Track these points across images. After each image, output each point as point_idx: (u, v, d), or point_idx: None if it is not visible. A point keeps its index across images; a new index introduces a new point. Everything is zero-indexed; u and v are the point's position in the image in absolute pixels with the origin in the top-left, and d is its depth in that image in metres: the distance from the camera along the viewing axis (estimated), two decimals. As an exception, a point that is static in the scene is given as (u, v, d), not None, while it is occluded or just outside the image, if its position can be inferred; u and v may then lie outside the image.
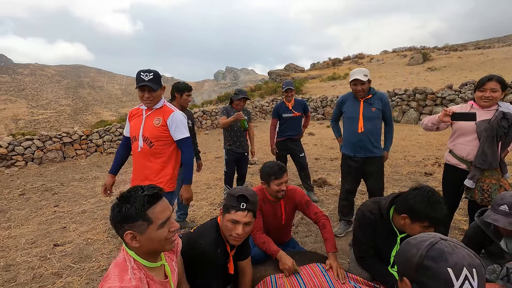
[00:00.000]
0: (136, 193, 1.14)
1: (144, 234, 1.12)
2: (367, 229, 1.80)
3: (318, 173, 5.35)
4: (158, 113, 2.17)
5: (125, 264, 1.14)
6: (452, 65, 20.24)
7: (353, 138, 2.88)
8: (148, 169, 2.20)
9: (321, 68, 30.70)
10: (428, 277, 0.77)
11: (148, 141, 2.15)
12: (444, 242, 0.81)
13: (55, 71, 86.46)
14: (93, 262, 2.78)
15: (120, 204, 1.13)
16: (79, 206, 4.58)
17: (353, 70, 2.86)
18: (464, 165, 2.29)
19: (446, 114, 2.18)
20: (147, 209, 1.12)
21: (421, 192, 1.60)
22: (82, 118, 60.30)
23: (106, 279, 1.11)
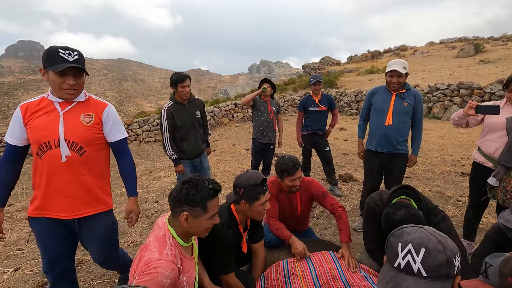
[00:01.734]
0: (203, 184, 1.31)
1: (197, 219, 1.30)
2: (374, 220, 1.83)
3: (345, 168, 5.29)
4: (86, 108, 1.58)
5: (164, 240, 1.29)
6: (510, 57, 18.26)
7: (379, 131, 2.82)
8: (79, 187, 1.56)
9: (359, 61, 29.44)
10: (388, 249, 0.98)
11: (77, 146, 1.53)
12: (414, 228, 0.95)
13: (102, 65, 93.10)
14: (129, 238, 3.10)
15: (189, 187, 1.29)
16: (119, 188, 5.03)
17: (391, 61, 2.76)
18: (491, 163, 2.18)
19: (470, 107, 2.11)
20: (208, 201, 1.30)
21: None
22: (125, 109, 64.59)
23: (146, 248, 1.28)
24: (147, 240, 1.36)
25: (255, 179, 1.71)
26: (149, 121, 9.95)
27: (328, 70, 24.76)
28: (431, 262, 0.86)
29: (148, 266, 1.18)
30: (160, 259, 1.20)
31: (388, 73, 2.71)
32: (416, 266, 0.87)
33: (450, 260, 0.86)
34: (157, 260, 1.20)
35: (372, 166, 2.96)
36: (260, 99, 3.88)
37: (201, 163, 3.21)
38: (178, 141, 3.00)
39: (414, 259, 0.88)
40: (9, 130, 1.54)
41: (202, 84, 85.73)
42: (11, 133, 1.53)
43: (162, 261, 1.20)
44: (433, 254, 0.87)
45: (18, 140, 1.53)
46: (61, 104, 1.53)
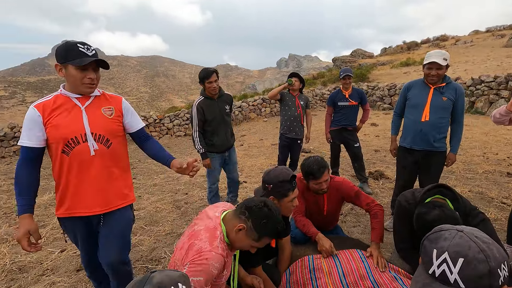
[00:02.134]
0: (277, 223, 1.35)
1: (246, 237, 1.34)
2: (405, 219, 1.76)
3: (376, 165, 5.09)
4: (104, 102, 1.60)
5: (215, 232, 1.34)
6: None
7: (414, 127, 2.66)
8: (109, 179, 1.57)
9: (394, 53, 27.95)
10: (422, 252, 0.91)
11: (104, 139, 1.54)
12: (453, 232, 0.86)
13: (137, 62, 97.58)
14: (160, 226, 3.26)
15: (266, 215, 1.32)
16: (152, 180, 5.30)
17: (430, 52, 2.57)
18: None
19: None
20: (267, 236, 1.35)
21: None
22: (157, 104, 67.36)
23: (196, 236, 1.33)
24: (195, 227, 1.41)
25: (284, 176, 1.71)
26: (179, 115, 10.29)
27: (360, 63, 23.81)
28: (471, 272, 0.78)
29: (200, 256, 1.23)
30: (212, 250, 1.26)
31: (426, 65, 2.54)
32: (453, 276, 0.80)
33: (493, 271, 0.78)
34: (209, 251, 1.25)
35: (405, 163, 2.82)
36: (288, 93, 3.84)
37: (230, 157, 3.28)
38: (209, 135, 3.08)
39: (450, 269, 0.81)
40: (25, 133, 1.45)
41: (230, 79, 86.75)
42: (27, 136, 1.45)
43: (213, 253, 1.25)
44: (473, 264, 0.79)
45: (37, 142, 1.46)
46: (80, 100, 1.52)
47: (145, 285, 0.85)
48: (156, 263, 2.57)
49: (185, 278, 0.93)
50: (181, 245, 1.37)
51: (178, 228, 3.20)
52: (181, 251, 1.32)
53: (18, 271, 2.52)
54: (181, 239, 1.47)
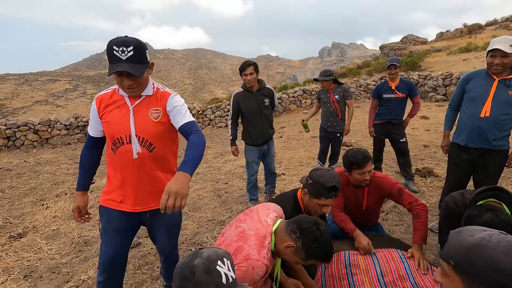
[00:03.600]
0: (326, 248, 1.34)
1: (296, 256, 1.36)
2: (452, 220, 1.65)
3: (424, 161, 4.76)
4: (153, 102, 1.52)
5: (264, 241, 1.36)
6: None
7: (471, 123, 2.43)
8: (151, 182, 1.55)
9: (452, 37, 25.23)
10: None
11: (147, 143, 1.50)
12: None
13: (181, 55, 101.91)
14: (202, 213, 3.48)
15: (318, 239, 1.31)
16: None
17: (495, 38, 2.33)
18: None
19: None
20: (313, 258, 1.35)
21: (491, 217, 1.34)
22: (200, 95, 69.93)
23: (245, 239, 1.37)
24: (244, 225, 1.45)
25: (326, 180, 1.69)
26: (221, 107, 10.61)
27: (411, 50, 21.99)
28: None
29: (247, 263, 1.29)
30: (259, 260, 1.29)
31: (489, 53, 2.29)
32: None
33: None
34: (256, 260, 1.29)
35: (458, 161, 2.60)
36: (323, 90, 4.05)
37: (268, 149, 3.34)
38: (246, 126, 3.21)
39: None
40: (90, 122, 1.58)
41: (271, 70, 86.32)
42: (90, 125, 1.58)
43: (260, 262, 1.29)
44: None
45: (96, 132, 1.57)
46: (130, 99, 1.50)
47: (196, 258, 1.00)
48: (199, 246, 2.76)
49: (229, 255, 1.05)
50: (229, 241, 1.43)
51: (219, 215, 3.38)
52: (228, 247, 1.39)
53: (84, 244, 2.90)
54: (227, 231, 1.54)
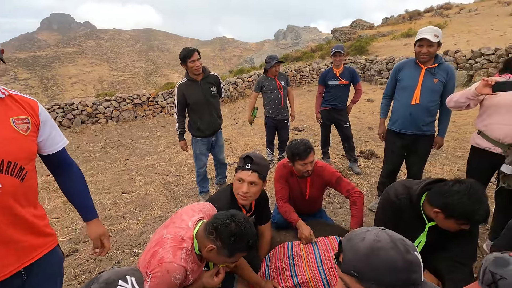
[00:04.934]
0: (247, 237, 1.27)
1: (219, 256, 1.30)
2: (391, 213, 1.73)
3: (368, 143, 5.08)
4: (14, 108, 1.03)
5: (182, 243, 1.30)
6: None
7: (403, 111, 2.61)
8: (20, 226, 1.02)
9: (395, 23, 26.88)
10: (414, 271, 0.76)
11: (16, 168, 0.98)
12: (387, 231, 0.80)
13: (130, 36, 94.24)
14: (150, 210, 3.30)
15: (234, 232, 1.24)
16: (144, 161, 5.30)
17: (421, 29, 2.48)
18: (500, 148, 1.97)
19: (486, 84, 1.79)
20: (239, 252, 1.30)
21: (461, 189, 1.40)
22: (153, 79, 65.99)
23: (161, 243, 1.30)
24: (164, 231, 1.37)
25: (245, 153, 1.77)
26: (173, 93, 10.10)
27: (360, 35, 23.01)
28: None
29: (161, 267, 1.22)
30: (174, 262, 1.23)
31: (417, 43, 2.43)
32: None
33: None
34: (171, 262, 1.22)
35: (393, 148, 2.79)
36: (267, 77, 3.92)
37: (216, 140, 3.24)
38: (194, 118, 3.04)
39: None
40: None
41: (227, 53, 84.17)
42: None
43: (175, 264, 1.23)
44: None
45: None
46: None
47: (93, 284, 0.85)
48: (144, 247, 2.62)
49: (135, 271, 0.93)
50: (148, 248, 1.35)
51: (167, 211, 3.24)
52: (145, 255, 1.31)
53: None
54: (153, 236, 1.46)
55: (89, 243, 2.68)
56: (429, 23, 21.35)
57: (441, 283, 1.64)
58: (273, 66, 3.80)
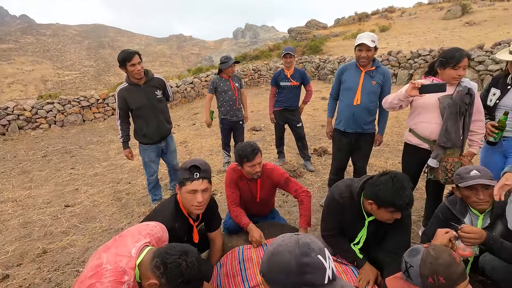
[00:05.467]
0: (195, 281, 1.15)
1: None
2: (335, 211, 1.83)
3: (321, 141, 5.30)
4: None
5: (123, 277, 1.16)
6: (495, 19, 18.01)
7: (347, 111, 2.78)
8: None
9: (346, 24, 28.43)
10: (310, 272, 0.77)
11: None
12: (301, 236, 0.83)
13: (76, 31, 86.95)
14: (97, 223, 3.08)
15: (181, 267, 1.12)
16: (93, 169, 4.93)
17: (359, 34, 2.65)
18: (427, 144, 2.20)
19: (414, 87, 1.97)
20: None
21: (386, 178, 1.56)
22: (105, 79, 61.64)
23: (99, 275, 1.14)
24: (104, 258, 1.22)
25: (187, 163, 1.67)
26: (124, 95, 9.54)
27: (314, 35, 23.91)
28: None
29: None
30: None
31: (356, 47, 2.60)
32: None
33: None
34: None
35: (340, 146, 2.95)
36: (221, 78, 3.87)
37: (167, 146, 3.11)
38: (139, 125, 2.88)
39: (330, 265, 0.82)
40: None
41: (184, 51, 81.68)
42: None
43: None
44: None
45: None
46: None
47: None
48: (89, 264, 2.44)
49: None
50: (83, 277, 1.19)
51: (116, 223, 3.05)
52: (81, 285, 1.16)
53: None
54: (89, 261, 1.29)
55: (24, 266, 2.42)
56: (376, 25, 22.98)
57: (379, 273, 1.77)
58: (230, 67, 3.76)
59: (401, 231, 1.73)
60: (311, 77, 13.18)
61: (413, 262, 1.14)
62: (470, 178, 1.66)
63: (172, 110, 10.08)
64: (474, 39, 12.92)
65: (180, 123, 8.23)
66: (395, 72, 10.02)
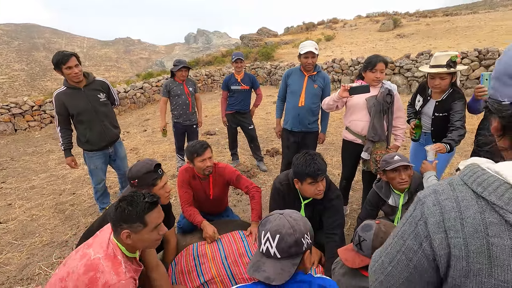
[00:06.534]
0: (138, 198, 1.32)
1: (138, 234, 1.31)
2: (278, 198, 2.00)
3: (273, 142, 5.54)
4: None
5: (117, 258, 1.30)
6: (420, 32, 20.60)
7: (293, 112, 3.01)
8: None
9: (295, 32, 29.95)
10: (258, 237, 1.08)
11: None
12: (276, 215, 1.06)
13: (3, 31, 77.10)
14: (36, 237, 2.83)
15: (123, 205, 1.30)
16: (28, 181, 4.48)
17: (303, 43, 2.88)
18: (360, 140, 2.52)
19: (345, 89, 2.25)
20: (145, 214, 1.31)
21: (300, 156, 1.82)
22: (40, 84, 55.47)
23: (95, 267, 1.24)
24: (91, 251, 1.32)
25: (147, 167, 1.74)
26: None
27: (266, 42, 24.71)
28: (283, 244, 0.99)
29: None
30: (120, 280, 1.23)
31: (303, 55, 2.82)
32: (273, 250, 1.00)
33: (298, 241, 1.00)
34: (118, 282, 1.22)
35: (288, 144, 3.17)
36: (174, 81, 3.84)
37: (115, 152, 2.99)
38: (81, 131, 2.72)
39: (271, 244, 1.00)
40: None
41: (133, 55, 77.62)
42: None
43: (123, 282, 1.23)
44: (285, 238, 0.99)
45: None
46: None
47: None
48: (28, 282, 2.25)
49: None
50: (76, 275, 1.25)
51: (60, 235, 2.84)
52: (77, 282, 1.23)
53: None
54: (71, 259, 1.36)
55: None
56: (322, 34, 24.61)
57: (322, 254, 1.97)
58: (180, 70, 3.73)
59: (333, 212, 1.94)
60: (263, 82, 13.61)
61: (366, 236, 1.32)
62: (394, 162, 1.94)
63: (121, 117, 9.57)
64: (404, 49, 14.66)
65: (130, 129, 7.86)
66: (339, 78, 10.87)
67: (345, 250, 1.45)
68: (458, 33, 17.92)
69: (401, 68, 9.19)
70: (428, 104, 2.34)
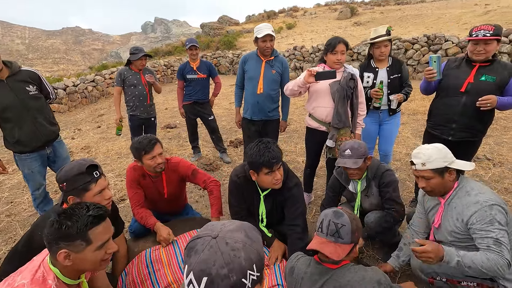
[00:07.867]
0: (80, 212, 1.09)
1: (80, 253, 1.08)
2: (236, 192, 1.88)
3: (237, 133, 5.39)
4: None
5: (46, 282, 1.06)
6: (375, 20, 21.46)
7: (252, 100, 2.87)
8: None
9: (257, 21, 29.60)
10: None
11: None
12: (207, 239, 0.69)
13: None
14: (-39, 258, 2.42)
15: (61, 220, 1.06)
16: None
17: (258, 26, 2.70)
18: (324, 127, 2.46)
19: (310, 74, 2.17)
20: (88, 230, 1.08)
21: (253, 146, 1.70)
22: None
23: None
24: (18, 277, 1.08)
25: (78, 167, 1.46)
26: None
27: (227, 30, 24.13)
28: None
29: None
30: None
31: (260, 39, 2.66)
32: None
33: (237, 283, 0.65)
34: None
35: (249, 133, 3.04)
36: (130, 70, 3.47)
37: (55, 152, 2.60)
38: (8, 130, 2.32)
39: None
40: None
41: (84, 46, 71.34)
42: None
43: None
44: (216, 282, 0.63)
45: None
46: None
47: None
48: None
49: None
50: None
51: (-8, 252, 2.46)
52: None
53: None
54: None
55: None
56: (283, 22, 24.62)
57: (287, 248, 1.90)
58: (140, 59, 3.37)
59: (293, 201, 1.86)
60: (226, 71, 13.28)
61: (343, 221, 1.24)
62: (343, 157, 1.91)
63: (71, 113, 8.77)
64: (361, 36, 15.17)
65: (82, 126, 7.20)
66: (301, 65, 10.95)
67: (321, 244, 1.27)
68: (409, 21, 18.97)
69: (359, 54, 9.47)
70: (380, 73, 2.53)
